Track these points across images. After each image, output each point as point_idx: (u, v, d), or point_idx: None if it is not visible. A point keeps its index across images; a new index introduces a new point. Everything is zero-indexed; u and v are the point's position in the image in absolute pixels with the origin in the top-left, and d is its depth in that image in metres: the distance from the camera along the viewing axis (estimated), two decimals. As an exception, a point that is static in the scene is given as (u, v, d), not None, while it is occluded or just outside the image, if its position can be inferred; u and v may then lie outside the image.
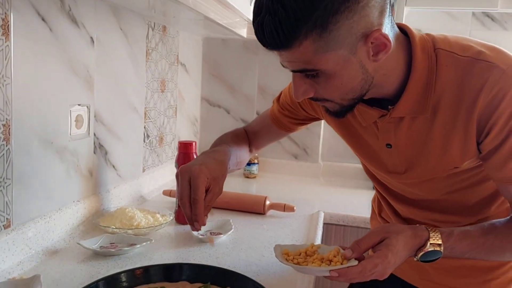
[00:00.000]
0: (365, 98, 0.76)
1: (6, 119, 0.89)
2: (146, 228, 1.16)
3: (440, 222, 0.87)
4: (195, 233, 1.16)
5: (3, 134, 0.89)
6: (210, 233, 1.19)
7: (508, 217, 0.79)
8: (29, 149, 0.97)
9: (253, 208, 1.42)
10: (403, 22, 1.75)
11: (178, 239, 1.18)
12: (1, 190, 0.89)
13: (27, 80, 0.94)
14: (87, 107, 1.17)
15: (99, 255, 1.01)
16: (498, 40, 1.84)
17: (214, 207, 1.44)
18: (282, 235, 1.24)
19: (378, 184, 0.97)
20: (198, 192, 0.77)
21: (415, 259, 0.73)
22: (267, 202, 1.41)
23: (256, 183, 1.92)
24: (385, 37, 0.67)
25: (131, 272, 0.84)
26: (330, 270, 0.69)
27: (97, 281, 0.80)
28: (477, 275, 0.90)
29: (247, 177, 1.98)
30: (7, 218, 0.92)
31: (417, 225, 0.75)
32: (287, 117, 1.02)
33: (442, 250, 0.71)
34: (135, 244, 1.05)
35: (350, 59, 0.68)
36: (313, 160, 2.00)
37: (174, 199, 1.33)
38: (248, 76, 2.01)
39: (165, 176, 1.70)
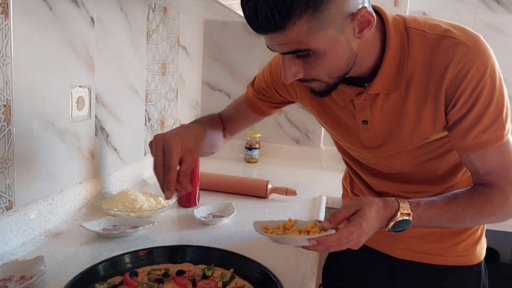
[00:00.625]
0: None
1: (7, 99, 0.88)
2: (148, 211, 1.15)
3: (411, 193, 0.92)
4: (197, 216, 1.15)
5: (4, 115, 0.88)
6: (213, 216, 1.19)
7: (468, 187, 0.84)
8: (30, 131, 0.96)
9: (255, 191, 1.41)
10: (408, 5, 1.72)
11: (180, 222, 1.17)
12: (2, 172, 0.89)
13: (27, 60, 0.93)
14: (88, 88, 1.16)
15: (101, 237, 1.01)
16: (504, 23, 1.82)
17: (216, 191, 1.44)
18: (284, 218, 1.23)
19: (352, 161, 1.01)
20: (172, 159, 0.78)
21: (386, 230, 0.77)
22: (269, 186, 1.41)
23: (257, 167, 1.91)
24: (370, 13, 0.71)
25: (134, 254, 0.84)
26: (309, 239, 0.71)
27: (101, 262, 0.79)
28: (447, 239, 0.96)
29: (248, 162, 1.97)
30: (9, 200, 0.91)
31: (388, 197, 0.78)
32: (262, 100, 1.05)
33: (411, 219, 0.76)
34: (138, 227, 1.05)
35: (339, 37, 0.71)
36: (314, 145, 1.99)
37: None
38: (249, 59, 1.99)
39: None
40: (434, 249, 0.97)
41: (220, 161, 1.92)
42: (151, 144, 0.82)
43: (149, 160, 1.56)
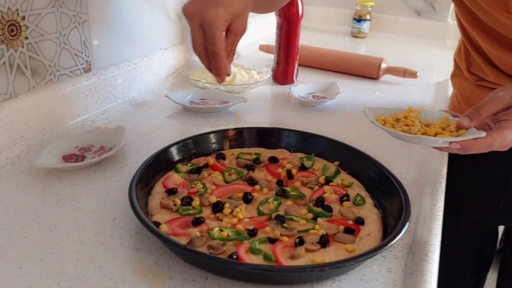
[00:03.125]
0: None
1: None
2: (240, 85, 1.01)
3: None
4: (295, 95, 0.99)
5: (72, -44, 0.73)
6: (313, 96, 1.01)
7: None
8: (106, -20, 0.81)
9: (365, 71, 1.18)
10: None
11: (275, 101, 1.02)
12: (76, 27, 0.77)
13: None
14: None
15: (188, 110, 0.90)
16: None
17: (317, 68, 1.24)
18: (399, 104, 1.02)
19: (481, 31, 0.79)
20: (216, 42, 0.57)
21: None
22: (383, 65, 1.17)
23: (366, 44, 1.63)
24: None
25: (222, 133, 0.71)
26: (450, 142, 0.55)
27: (184, 139, 0.68)
28: None
29: (355, 37, 1.69)
30: (86, 61, 0.81)
31: None
32: None
33: None
34: (228, 102, 0.92)
35: None
36: (440, 18, 1.62)
37: (272, 56, 1.14)
38: None
39: (263, 29, 1.49)
40: None
41: (320, 34, 1.67)
42: (185, 15, 0.60)
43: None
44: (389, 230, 0.52)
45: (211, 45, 0.58)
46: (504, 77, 0.80)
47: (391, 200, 0.57)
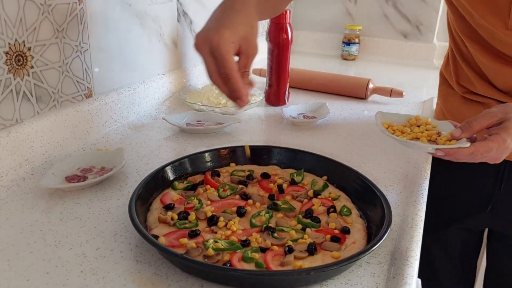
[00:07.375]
0: None
1: (76, -28, 0.78)
2: (234, 107, 1.05)
3: None
4: (286, 115, 1.03)
5: (75, -9, 0.78)
6: (303, 116, 1.06)
7: None
8: (105, 11, 0.86)
9: (353, 91, 1.23)
10: None
11: (268, 121, 1.06)
12: (78, 56, 0.82)
13: None
14: (167, -35, 1.02)
15: (185, 132, 0.94)
16: None
17: (307, 89, 1.29)
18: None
19: (476, 44, 0.82)
20: (226, 65, 0.58)
21: None
22: (370, 86, 1.22)
23: (355, 66, 1.69)
24: None
25: (216, 152, 0.75)
26: (436, 149, 0.62)
27: (181, 158, 0.72)
28: None
29: (345, 59, 1.75)
30: (87, 87, 0.86)
31: None
32: None
33: None
34: (223, 124, 0.96)
35: None
36: (426, 40, 1.69)
37: (264, 79, 1.20)
38: None
39: (255, 54, 1.55)
40: None
41: (312, 57, 1.74)
42: (196, 48, 0.61)
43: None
44: (372, 237, 0.56)
45: (223, 68, 0.58)
46: (491, 89, 0.83)
47: (374, 210, 0.61)
